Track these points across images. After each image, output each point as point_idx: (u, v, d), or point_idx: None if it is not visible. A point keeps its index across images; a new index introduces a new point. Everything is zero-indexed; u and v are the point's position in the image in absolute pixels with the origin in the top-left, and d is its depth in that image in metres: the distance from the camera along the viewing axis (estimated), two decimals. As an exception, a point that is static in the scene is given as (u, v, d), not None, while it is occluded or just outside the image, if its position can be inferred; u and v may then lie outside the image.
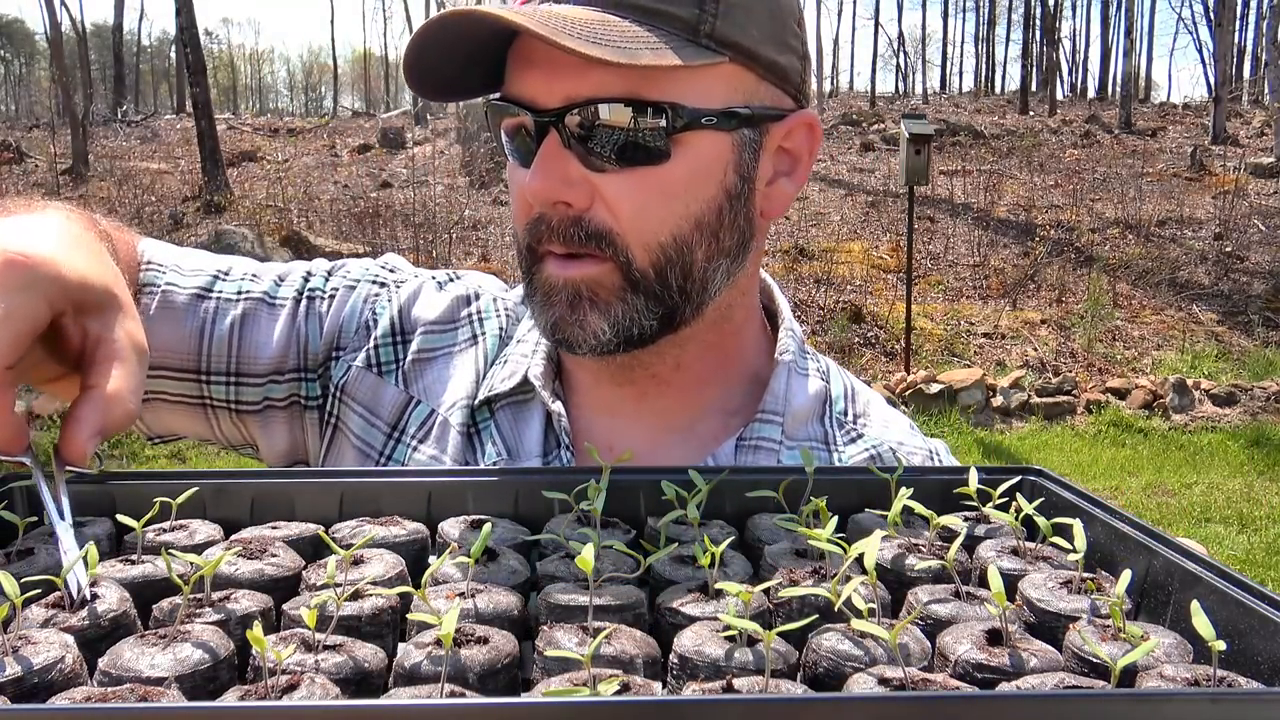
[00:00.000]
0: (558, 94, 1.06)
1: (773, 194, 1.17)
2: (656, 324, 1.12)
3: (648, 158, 1.06)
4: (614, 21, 1.03)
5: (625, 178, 1.07)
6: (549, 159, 1.07)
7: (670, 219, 1.09)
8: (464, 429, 1.24)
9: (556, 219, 1.09)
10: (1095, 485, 7.68)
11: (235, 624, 0.73)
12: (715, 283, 1.15)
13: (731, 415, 1.25)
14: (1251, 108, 26.96)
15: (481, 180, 16.59)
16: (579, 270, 1.10)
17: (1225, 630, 0.71)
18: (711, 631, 0.71)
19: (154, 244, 1.31)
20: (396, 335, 1.30)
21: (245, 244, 11.95)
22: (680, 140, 1.07)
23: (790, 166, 1.19)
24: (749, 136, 1.12)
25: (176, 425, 1.32)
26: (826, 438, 1.26)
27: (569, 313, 1.11)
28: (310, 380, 1.29)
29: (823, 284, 12.48)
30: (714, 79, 1.08)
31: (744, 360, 1.28)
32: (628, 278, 1.10)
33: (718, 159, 1.10)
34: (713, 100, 1.08)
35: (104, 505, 0.93)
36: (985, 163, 18.49)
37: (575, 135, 1.06)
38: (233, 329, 1.27)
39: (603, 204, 1.08)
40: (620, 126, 1.05)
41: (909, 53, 71.89)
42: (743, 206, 1.14)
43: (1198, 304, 12.80)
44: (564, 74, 1.04)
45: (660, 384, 1.23)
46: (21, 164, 18.84)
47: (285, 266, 1.36)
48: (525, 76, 1.08)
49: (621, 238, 1.08)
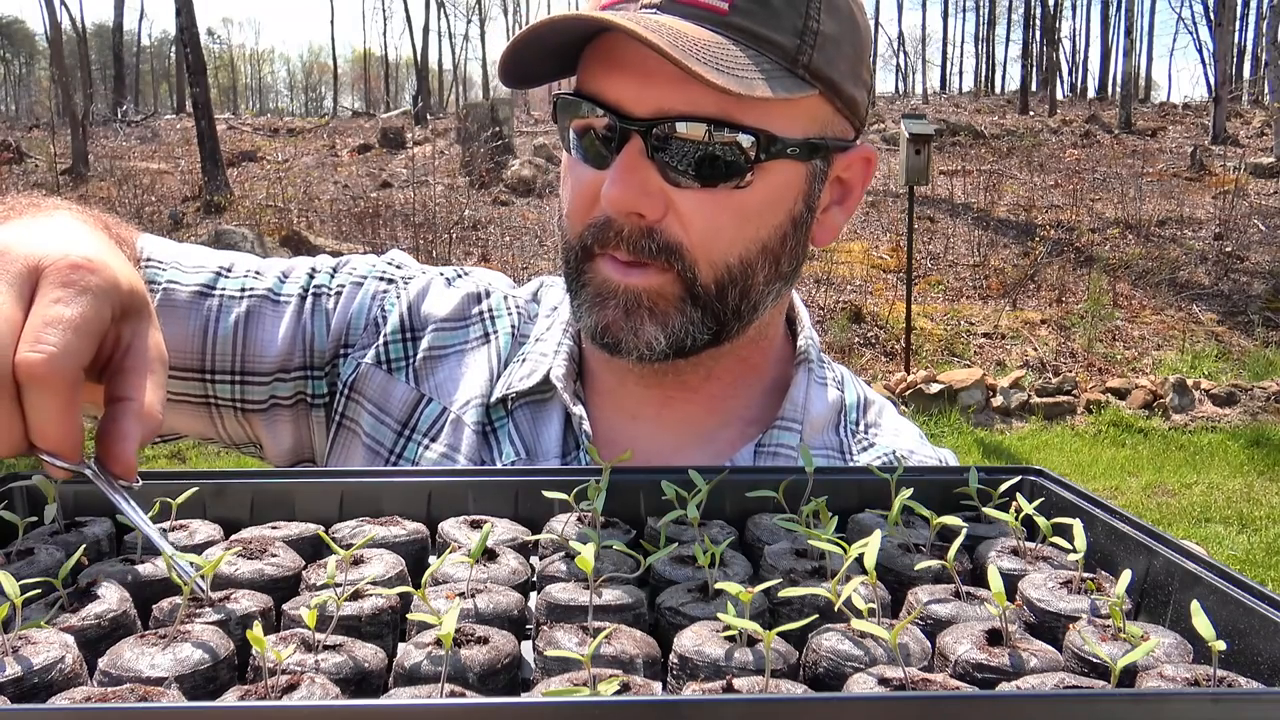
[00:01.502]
0: (649, 103, 1.04)
1: (825, 222, 1.19)
2: (708, 337, 1.13)
3: (728, 179, 1.06)
4: (724, 44, 1.02)
5: (703, 196, 1.07)
6: (630, 168, 1.06)
7: (740, 241, 1.09)
8: (479, 427, 1.24)
9: (628, 228, 1.08)
10: (1095, 485, 7.68)
11: (235, 624, 0.73)
12: (765, 304, 1.16)
13: (750, 423, 1.26)
14: (1251, 108, 26.95)
15: (481, 180, 16.58)
16: (641, 279, 1.10)
17: (1225, 630, 0.71)
18: (711, 631, 0.71)
19: (153, 240, 1.31)
20: (406, 332, 1.30)
21: (245, 244, 11.95)
22: (762, 167, 1.07)
23: (842, 196, 1.20)
24: (819, 167, 1.13)
25: (178, 425, 1.32)
26: (841, 446, 1.26)
27: (624, 318, 1.10)
28: (317, 378, 1.29)
29: (823, 284, 12.48)
30: (800, 109, 1.08)
31: (766, 369, 1.29)
32: (689, 291, 1.10)
33: (791, 187, 1.11)
34: (797, 130, 1.08)
35: (104, 505, 0.93)
36: (985, 163, 18.50)
37: (659, 146, 1.05)
38: (237, 327, 1.26)
39: (676, 218, 1.08)
40: (704, 143, 1.04)
41: (909, 53, 71.93)
42: (804, 234, 1.15)
43: (1198, 304, 12.80)
44: (657, 83, 1.03)
45: (687, 391, 1.23)
46: (21, 164, 18.83)
47: (288, 262, 1.35)
48: (612, 79, 1.07)
49: (690, 253, 1.08)
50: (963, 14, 71.47)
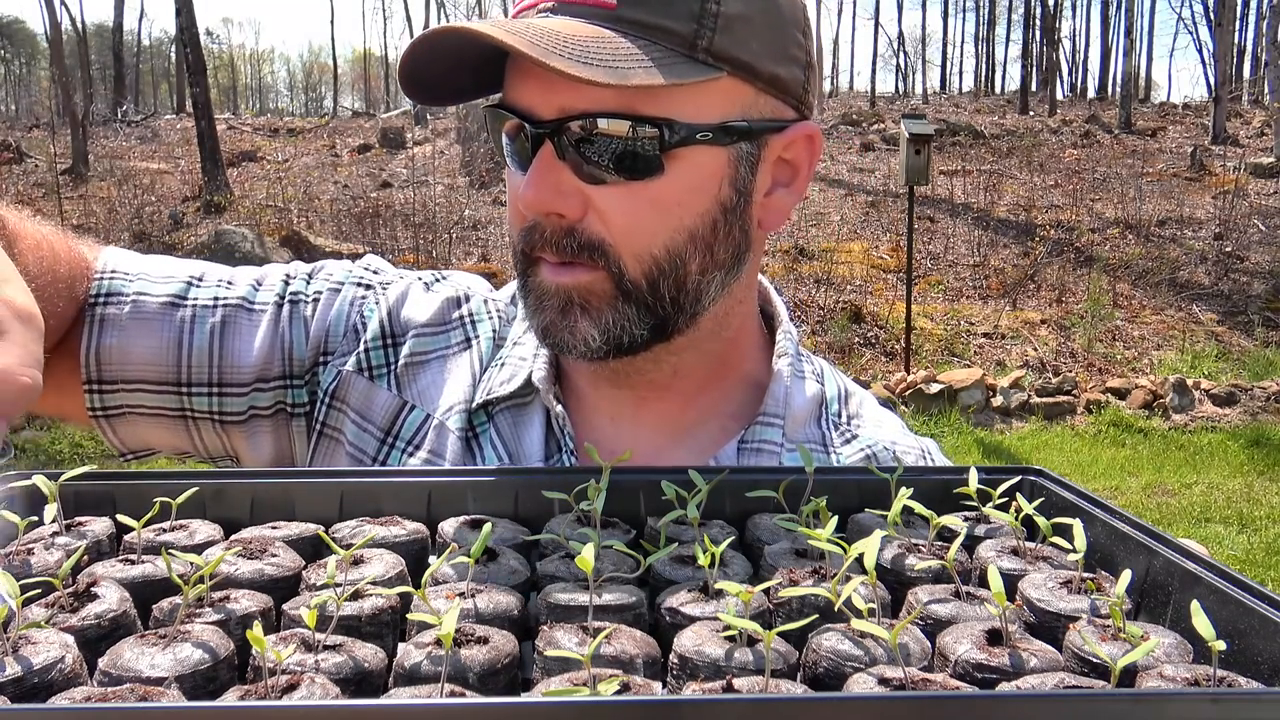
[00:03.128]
0: (553, 106, 1.05)
1: (771, 205, 1.17)
2: (647, 333, 1.12)
3: (641, 171, 1.06)
4: (609, 38, 1.02)
5: (618, 190, 1.07)
6: (543, 170, 1.06)
7: (663, 232, 1.09)
8: (462, 433, 1.23)
9: (550, 228, 1.09)
10: (1095, 485, 7.68)
11: (235, 624, 0.73)
12: (709, 294, 1.15)
13: (731, 419, 1.25)
14: (1251, 108, 26.95)
15: (481, 180, 16.59)
16: (571, 277, 1.10)
17: (1225, 630, 0.71)
18: (711, 631, 0.71)
19: (118, 252, 1.29)
20: (387, 338, 1.28)
21: (245, 244, 11.95)
22: (674, 155, 1.06)
23: (789, 177, 1.18)
24: (746, 150, 1.11)
25: (152, 439, 1.29)
26: (824, 439, 1.26)
27: (560, 318, 1.11)
28: (297, 387, 1.27)
29: (823, 284, 12.48)
30: (710, 94, 1.07)
31: (742, 365, 1.28)
32: (620, 287, 1.09)
33: (712, 173, 1.09)
34: (709, 115, 1.07)
35: (104, 505, 0.93)
36: (985, 163, 18.50)
37: (570, 146, 1.06)
38: (213, 337, 1.24)
39: (596, 215, 1.08)
40: (615, 138, 1.04)
41: (909, 53, 71.92)
42: (738, 219, 1.13)
43: (1198, 304, 12.80)
44: (559, 86, 1.03)
45: (659, 390, 1.23)
46: (21, 164, 18.84)
47: (259, 271, 1.33)
48: (522, 86, 1.08)
49: (614, 249, 1.08)
50: (963, 14, 71.52)
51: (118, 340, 1.22)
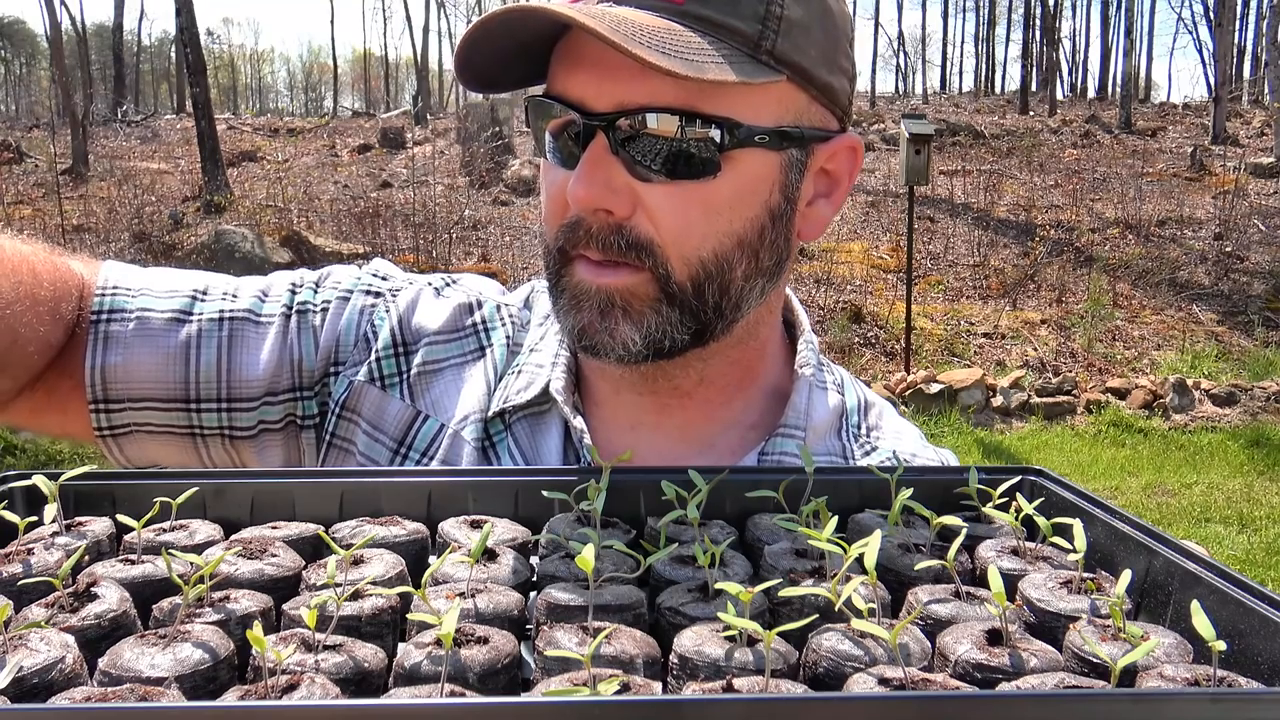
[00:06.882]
0: (609, 98, 1.03)
1: (811, 215, 1.16)
2: (688, 338, 1.10)
3: (696, 171, 1.04)
4: (679, 30, 1.00)
5: (671, 190, 1.05)
6: (594, 164, 1.04)
7: (713, 235, 1.07)
8: (479, 443, 1.21)
9: (596, 225, 1.06)
10: (1095, 485, 7.68)
11: (235, 624, 0.73)
12: (750, 301, 1.13)
13: (751, 429, 1.24)
14: (1251, 108, 26.94)
15: (481, 180, 16.58)
16: (614, 278, 1.07)
17: (1225, 630, 0.71)
18: (711, 631, 0.71)
19: (118, 266, 1.27)
20: (399, 347, 1.26)
21: (245, 244, 11.95)
22: (730, 157, 1.04)
23: (829, 189, 1.17)
24: (796, 157, 1.10)
25: (159, 456, 1.27)
26: (845, 451, 1.25)
27: (599, 319, 1.08)
28: (307, 398, 1.25)
29: (822, 284, 12.47)
30: (768, 97, 1.06)
31: (765, 373, 1.26)
32: (664, 290, 1.07)
33: (765, 178, 1.08)
34: (765, 118, 1.06)
35: (104, 505, 0.93)
36: (985, 163, 18.49)
37: (622, 141, 1.04)
38: (220, 352, 1.22)
39: (645, 214, 1.05)
40: (670, 137, 1.02)
41: (909, 53, 71.92)
42: (784, 227, 1.12)
43: (1198, 304, 12.80)
44: (617, 78, 1.02)
45: (682, 396, 1.21)
46: (21, 164, 18.83)
47: (265, 280, 1.31)
48: (575, 76, 1.05)
49: (662, 250, 1.06)
50: (963, 14, 71.54)
51: (123, 358, 1.21)
